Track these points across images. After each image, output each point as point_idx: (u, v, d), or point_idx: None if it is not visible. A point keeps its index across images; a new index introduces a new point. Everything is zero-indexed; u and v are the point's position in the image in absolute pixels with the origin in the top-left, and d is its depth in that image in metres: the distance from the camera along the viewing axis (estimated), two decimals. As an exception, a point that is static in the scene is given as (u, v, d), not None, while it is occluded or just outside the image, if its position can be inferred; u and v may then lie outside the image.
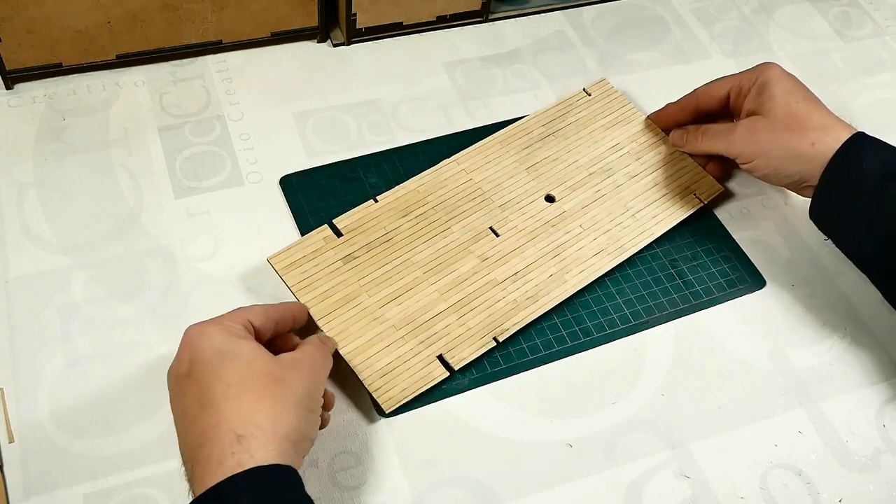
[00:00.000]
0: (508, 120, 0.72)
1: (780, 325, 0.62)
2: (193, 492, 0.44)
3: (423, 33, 0.78)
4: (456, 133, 0.71)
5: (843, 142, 0.58)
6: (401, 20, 0.77)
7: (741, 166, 0.64)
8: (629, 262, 0.64)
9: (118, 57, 0.71)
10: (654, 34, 0.82)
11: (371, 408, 0.56)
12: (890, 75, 0.81)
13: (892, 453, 0.57)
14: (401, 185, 0.64)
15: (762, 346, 0.61)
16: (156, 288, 0.60)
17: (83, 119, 0.69)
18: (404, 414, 0.56)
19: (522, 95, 0.75)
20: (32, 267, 0.60)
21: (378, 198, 0.63)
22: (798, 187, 0.62)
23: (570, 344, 0.60)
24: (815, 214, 0.61)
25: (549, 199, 0.66)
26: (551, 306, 0.61)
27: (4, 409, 0.54)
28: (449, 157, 0.68)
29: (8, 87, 0.70)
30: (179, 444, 0.47)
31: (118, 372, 0.56)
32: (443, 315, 0.59)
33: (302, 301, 0.58)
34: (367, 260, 0.60)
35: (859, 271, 0.61)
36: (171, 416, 0.53)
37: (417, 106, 0.73)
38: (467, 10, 0.78)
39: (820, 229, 0.62)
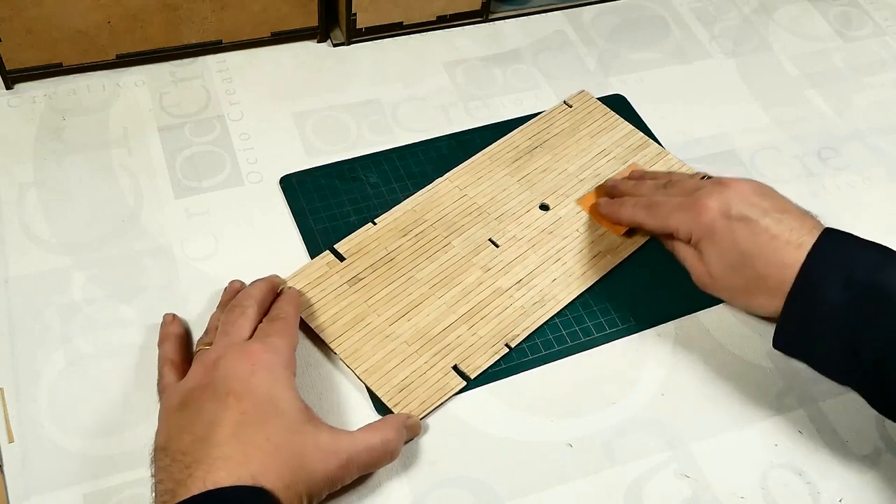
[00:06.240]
0: (508, 120, 0.72)
1: (780, 325, 0.62)
2: (177, 482, 0.45)
3: (423, 33, 0.78)
4: (456, 133, 0.71)
5: (796, 275, 0.53)
6: (401, 20, 0.77)
7: None
8: (630, 261, 0.64)
9: (118, 57, 0.71)
10: (654, 34, 0.82)
11: (371, 408, 0.56)
12: (890, 75, 0.81)
13: (892, 453, 0.57)
14: (396, 206, 0.65)
15: (762, 346, 0.61)
16: (155, 288, 0.60)
17: (83, 119, 0.69)
18: (404, 414, 0.56)
19: (522, 95, 0.75)
20: (32, 267, 0.60)
21: (376, 220, 0.64)
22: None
23: (570, 344, 0.60)
24: (781, 346, 0.57)
25: (544, 207, 0.66)
26: (559, 309, 0.61)
27: (4, 409, 0.54)
28: (449, 156, 0.69)
29: (8, 87, 0.70)
30: (172, 433, 0.48)
31: (118, 372, 0.56)
32: (453, 326, 0.59)
33: (312, 326, 0.58)
34: (373, 281, 0.60)
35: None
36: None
37: (417, 106, 0.73)
38: (467, 9, 0.78)
39: (788, 355, 0.59)
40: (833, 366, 0.55)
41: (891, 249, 0.54)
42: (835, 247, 0.54)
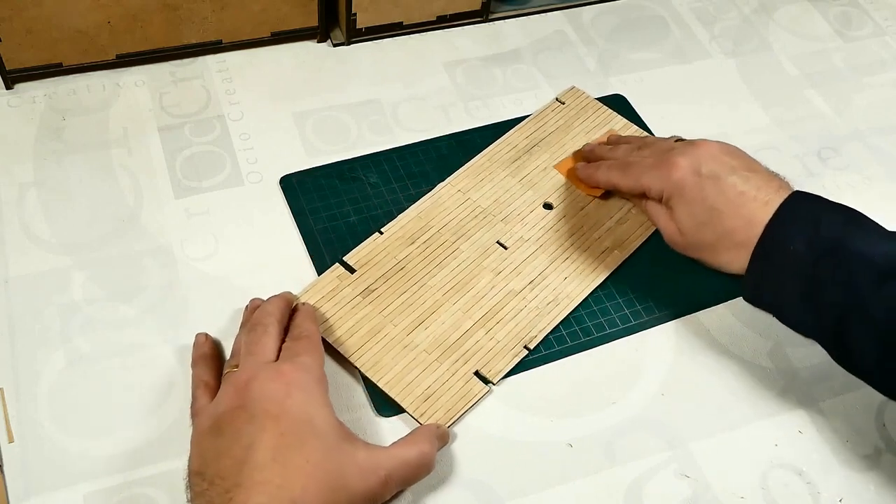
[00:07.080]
0: (508, 120, 0.72)
1: (780, 324, 0.62)
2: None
3: (423, 33, 0.78)
4: (456, 133, 0.71)
5: (762, 231, 0.55)
6: (401, 20, 0.77)
7: None
8: (630, 261, 0.64)
9: (118, 57, 0.71)
10: (654, 34, 0.82)
11: (371, 407, 0.56)
12: (890, 75, 0.81)
13: (892, 453, 0.57)
14: (402, 214, 0.65)
15: (762, 346, 0.61)
16: (155, 288, 0.60)
17: (83, 119, 0.69)
18: (404, 414, 0.56)
19: (522, 95, 0.75)
20: (32, 267, 0.60)
21: (382, 230, 0.63)
22: None
23: (570, 344, 0.60)
24: (748, 297, 0.58)
25: (548, 206, 0.66)
26: (573, 307, 0.61)
27: (4, 409, 0.54)
28: (449, 156, 0.69)
29: (8, 87, 0.70)
30: (208, 457, 0.47)
31: (118, 372, 0.56)
32: (471, 332, 0.59)
33: (329, 341, 0.57)
34: (385, 291, 0.60)
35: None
36: (171, 417, 0.53)
37: (417, 106, 0.73)
38: (467, 9, 0.78)
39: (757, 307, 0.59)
40: (797, 318, 0.55)
41: (857, 211, 0.55)
42: (802, 206, 0.55)
